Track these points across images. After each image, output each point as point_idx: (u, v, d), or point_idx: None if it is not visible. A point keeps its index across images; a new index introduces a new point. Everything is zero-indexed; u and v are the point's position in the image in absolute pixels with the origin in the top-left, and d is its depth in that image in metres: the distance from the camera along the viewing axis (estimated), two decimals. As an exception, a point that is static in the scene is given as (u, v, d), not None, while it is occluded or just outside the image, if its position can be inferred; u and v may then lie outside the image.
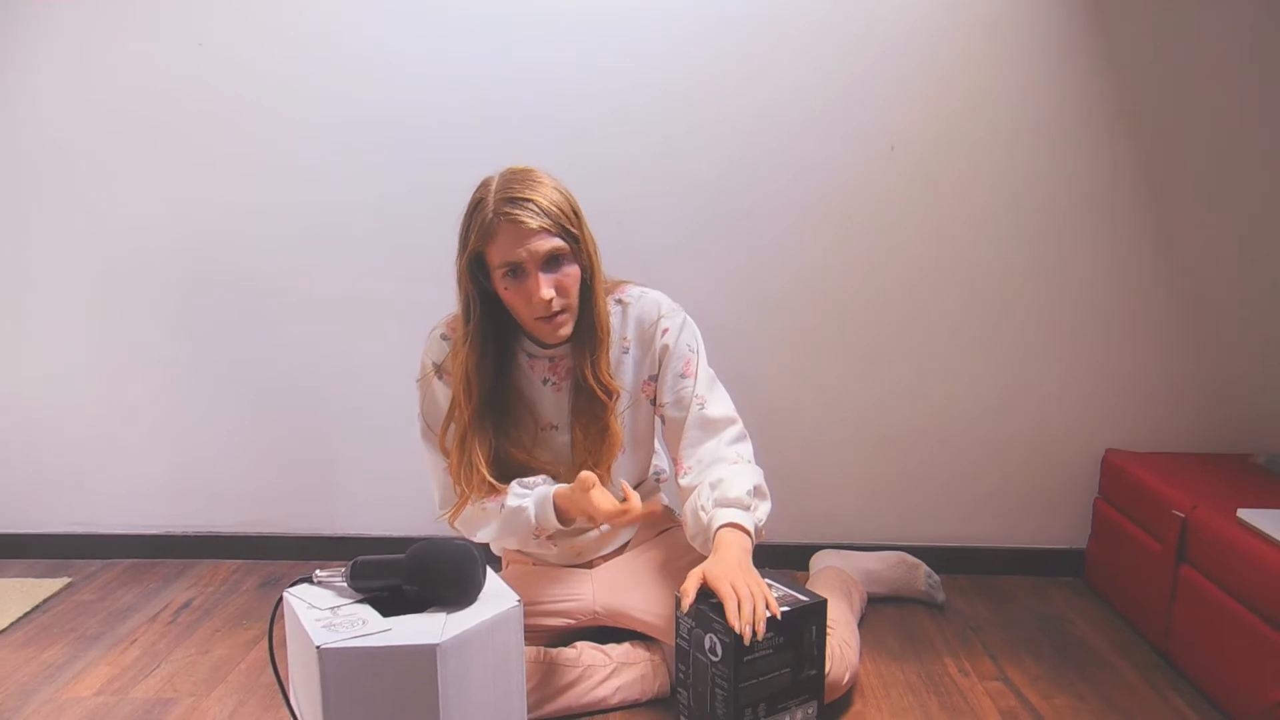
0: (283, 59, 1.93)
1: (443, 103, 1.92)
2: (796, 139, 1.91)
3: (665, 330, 1.51)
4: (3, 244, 2.05)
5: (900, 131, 1.89)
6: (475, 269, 1.41)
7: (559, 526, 1.44)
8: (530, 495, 1.44)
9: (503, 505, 1.44)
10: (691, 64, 1.89)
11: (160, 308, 2.06)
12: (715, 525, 1.38)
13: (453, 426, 1.47)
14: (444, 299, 1.49)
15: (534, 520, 1.43)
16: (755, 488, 1.43)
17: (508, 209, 1.34)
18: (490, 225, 1.35)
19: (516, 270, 1.37)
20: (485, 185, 1.40)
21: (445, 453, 1.48)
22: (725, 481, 1.42)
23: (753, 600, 1.25)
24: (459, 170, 1.80)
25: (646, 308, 1.52)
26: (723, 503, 1.40)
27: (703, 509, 1.42)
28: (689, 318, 1.55)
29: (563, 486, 1.43)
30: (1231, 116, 1.84)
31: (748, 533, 1.38)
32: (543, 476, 1.48)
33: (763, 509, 1.44)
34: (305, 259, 2.02)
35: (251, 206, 2.00)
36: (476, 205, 1.39)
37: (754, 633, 1.23)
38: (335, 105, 1.94)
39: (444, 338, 1.51)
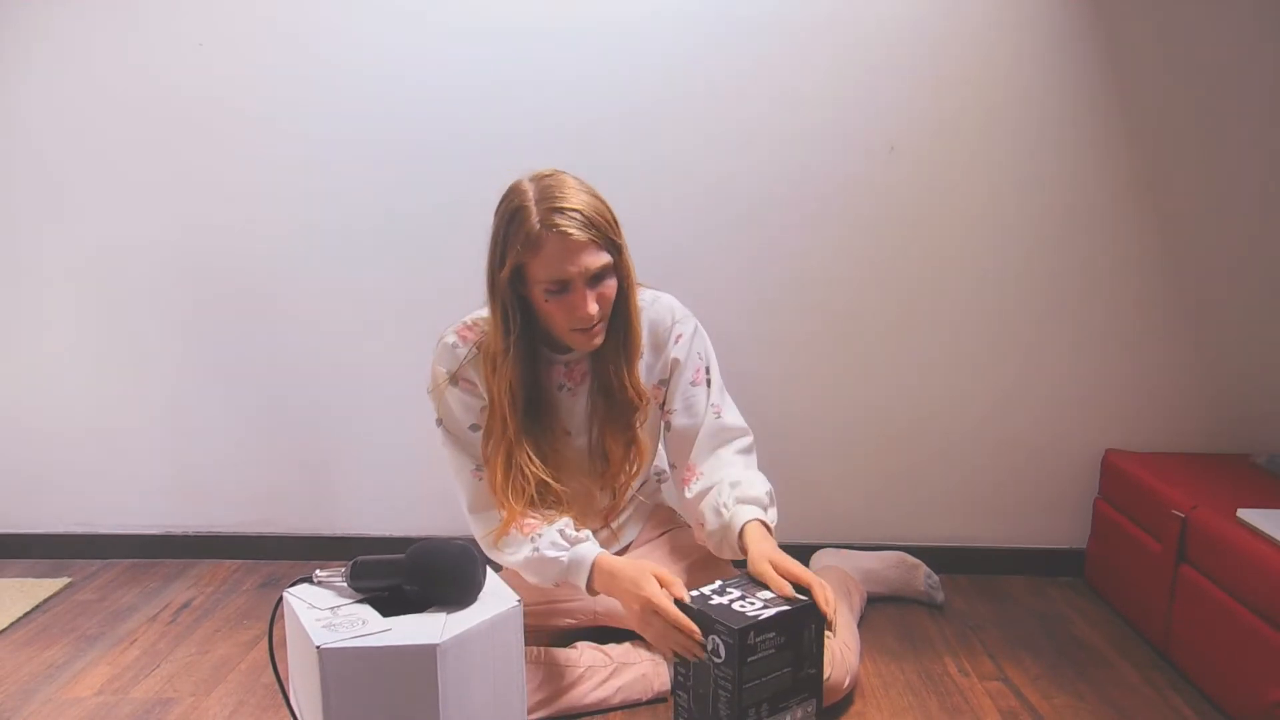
0: (288, 71, 1.93)
1: (446, 112, 1.92)
2: (795, 141, 1.90)
3: (679, 337, 1.51)
4: (6, 247, 2.04)
5: (900, 132, 1.89)
6: (514, 279, 1.37)
7: (584, 592, 1.39)
8: (568, 551, 1.38)
9: (535, 548, 1.39)
10: (689, 69, 1.88)
11: (163, 309, 2.05)
12: (740, 521, 1.40)
13: (493, 442, 1.44)
14: (444, 299, 1.49)
15: (564, 575, 1.39)
16: (769, 493, 1.46)
17: (556, 220, 1.29)
18: (536, 238, 1.30)
19: (563, 286, 1.34)
20: (519, 193, 1.34)
21: (486, 462, 1.45)
22: (744, 482, 1.44)
23: (823, 589, 1.29)
24: (462, 178, 1.93)
25: (660, 313, 1.51)
26: (744, 500, 1.42)
27: (724, 506, 1.43)
28: (699, 324, 1.55)
29: (607, 556, 1.37)
30: (1233, 118, 1.83)
31: (770, 530, 1.40)
32: (586, 532, 1.42)
33: (773, 514, 1.46)
34: (308, 261, 2.01)
35: (255, 211, 1.99)
36: (515, 214, 1.33)
37: (754, 636, 1.24)
38: (340, 116, 1.94)
39: (455, 346, 1.47)
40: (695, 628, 1.27)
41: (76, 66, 1.96)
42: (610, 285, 1.38)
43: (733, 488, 1.44)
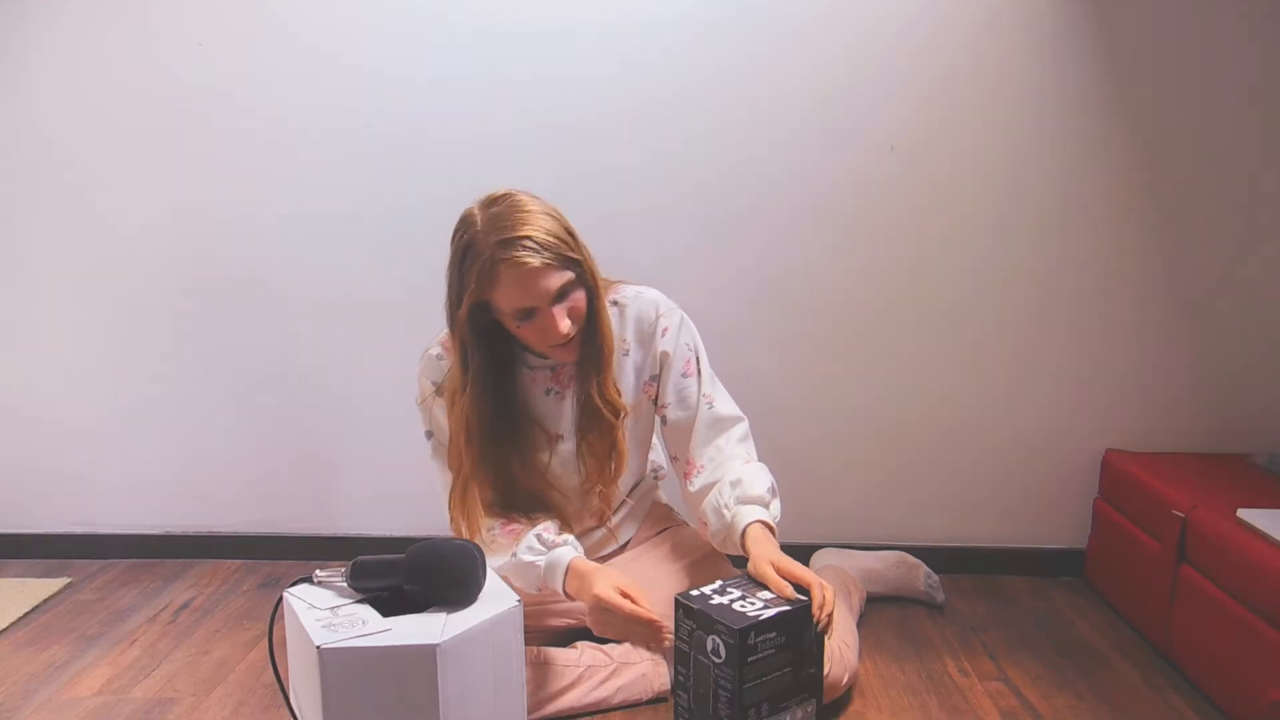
0: (285, 64, 1.94)
1: (445, 109, 1.92)
2: (794, 140, 1.90)
3: (665, 330, 1.51)
4: (3, 243, 2.04)
5: (900, 131, 1.89)
6: (476, 312, 1.36)
7: (563, 596, 1.40)
8: (544, 556, 1.40)
9: (514, 553, 1.41)
10: (686, 67, 1.89)
11: (162, 307, 2.05)
12: (742, 523, 1.40)
13: (452, 473, 1.46)
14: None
15: (542, 580, 1.41)
16: (771, 487, 1.45)
17: (506, 253, 1.28)
18: (490, 272, 1.30)
19: (529, 312, 1.34)
20: (468, 225, 1.33)
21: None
22: (745, 480, 1.44)
23: (822, 590, 1.29)
24: (461, 174, 1.90)
25: (644, 307, 1.51)
26: (745, 500, 1.42)
27: (725, 507, 1.43)
28: (685, 315, 1.55)
29: (581, 560, 1.39)
30: (1232, 116, 1.83)
31: (773, 530, 1.40)
32: (566, 536, 1.44)
33: (776, 507, 1.46)
34: (308, 258, 2.01)
35: (255, 207, 2.00)
36: (467, 250, 1.32)
37: (754, 637, 1.24)
38: (340, 110, 1.95)
39: (440, 357, 1.48)
40: (654, 615, 1.28)
41: (75, 66, 1.96)
42: (578, 298, 1.37)
43: (734, 487, 1.44)
